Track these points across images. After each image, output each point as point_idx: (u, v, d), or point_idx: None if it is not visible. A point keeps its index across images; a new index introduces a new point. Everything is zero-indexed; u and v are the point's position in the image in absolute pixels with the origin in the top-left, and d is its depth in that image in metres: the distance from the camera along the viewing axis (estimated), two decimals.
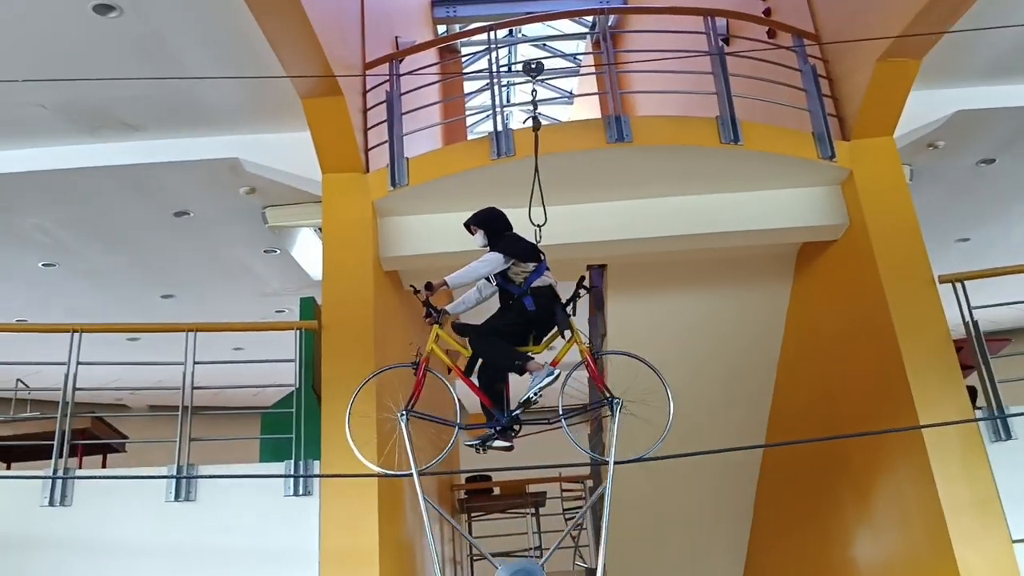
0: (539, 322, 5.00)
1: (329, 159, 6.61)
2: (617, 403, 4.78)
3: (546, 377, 4.76)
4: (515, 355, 4.87)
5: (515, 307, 5.00)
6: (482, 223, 5.24)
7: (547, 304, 4.98)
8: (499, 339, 4.94)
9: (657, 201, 6.70)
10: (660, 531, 8.51)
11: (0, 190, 7.48)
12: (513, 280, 5.02)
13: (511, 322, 4.99)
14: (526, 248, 5.09)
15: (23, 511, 5.54)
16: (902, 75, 6.34)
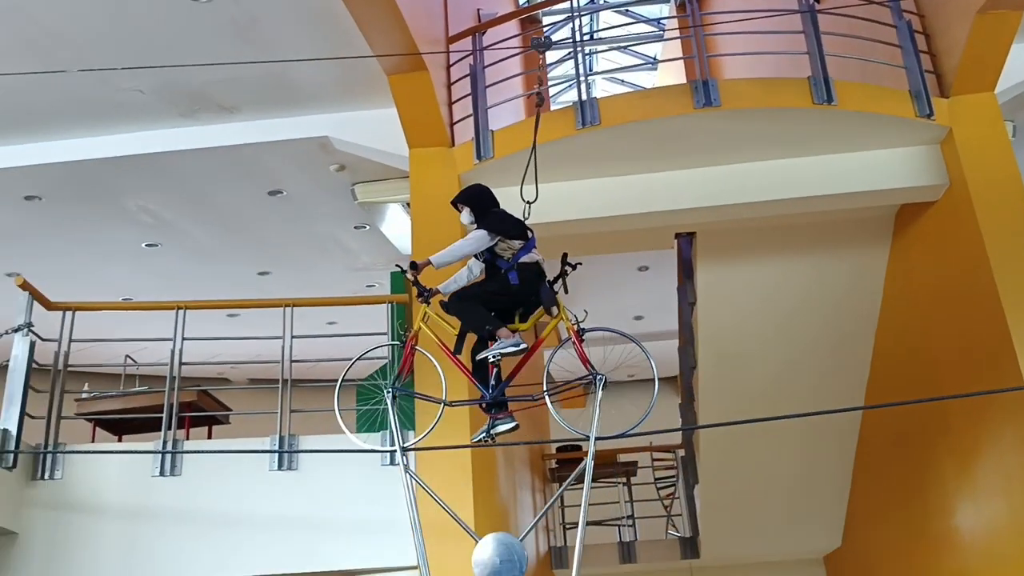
0: (523, 297, 4.99)
1: (415, 134, 6.67)
2: (600, 379, 4.76)
3: (510, 345, 4.76)
4: (488, 320, 4.85)
5: (499, 279, 4.98)
6: (468, 200, 5.18)
7: (532, 280, 4.96)
8: (476, 303, 4.92)
9: (747, 166, 6.57)
10: (757, 498, 8.43)
11: (105, 173, 7.81)
12: (501, 256, 4.98)
13: (492, 291, 4.98)
14: (512, 225, 5.04)
15: (136, 481, 5.81)
16: (1003, 28, 6.06)
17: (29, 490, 5.74)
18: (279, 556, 5.72)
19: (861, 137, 6.45)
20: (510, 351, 4.79)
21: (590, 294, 11.73)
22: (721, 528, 8.64)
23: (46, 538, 5.66)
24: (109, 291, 9.98)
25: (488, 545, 4.34)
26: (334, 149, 7.45)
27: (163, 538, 5.73)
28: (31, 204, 8.19)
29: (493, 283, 4.99)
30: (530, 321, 5.05)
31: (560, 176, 6.71)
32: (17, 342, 5.85)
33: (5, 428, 5.57)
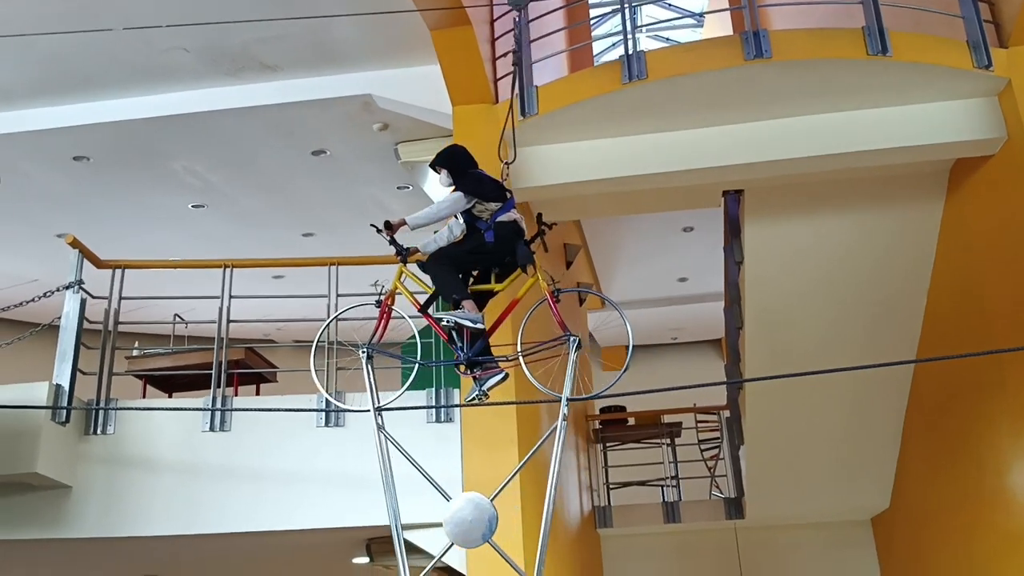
0: (499, 256, 4.97)
1: (459, 91, 6.62)
2: (573, 340, 4.69)
3: (469, 319, 4.77)
4: (457, 288, 4.86)
5: (475, 238, 4.96)
6: (445, 162, 5.13)
7: (508, 238, 4.93)
8: (450, 267, 4.92)
9: (798, 120, 6.42)
10: (804, 458, 8.35)
11: (151, 134, 7.86)
12: (479, 217, 4.96)
13: (468, 250, 4.96)
14: (489, 187, 5.01)
15: (186, 436, 5.90)
16: None
17: (82, 445, 5.86)
18: (326, 511, 5.79)
19: (916, 89, 6.26)
20: (467, 323, 4.80)
21: (633, 257, 11.66)
22: (767, 489, 8.58)
23: (99, 491, 5.79)
24: (156, 253, 10.07)
25: (459, 504, 4.41)
26: (377, 108, 7.42)
27: (212, 492, 5.82)
28: (79, 165, 8.29)
29: (469, 242, 4.99)
30: (507, 282, 5.04)
31: (605, 133, 6.62)
32: (68, 299, 5.93)
33: (58, 383, 5.68)
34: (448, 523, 4.35)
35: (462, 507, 4.37)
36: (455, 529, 4.33)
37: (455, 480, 5.81)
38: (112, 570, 7.34)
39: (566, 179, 6.72)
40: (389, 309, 5.05)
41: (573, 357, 4.68)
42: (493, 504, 4.40)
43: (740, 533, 9.14)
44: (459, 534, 4.34)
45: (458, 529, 4.33)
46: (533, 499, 6.08)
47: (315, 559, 7.37)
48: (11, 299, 6.74)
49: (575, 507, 8.07)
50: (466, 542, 4.37)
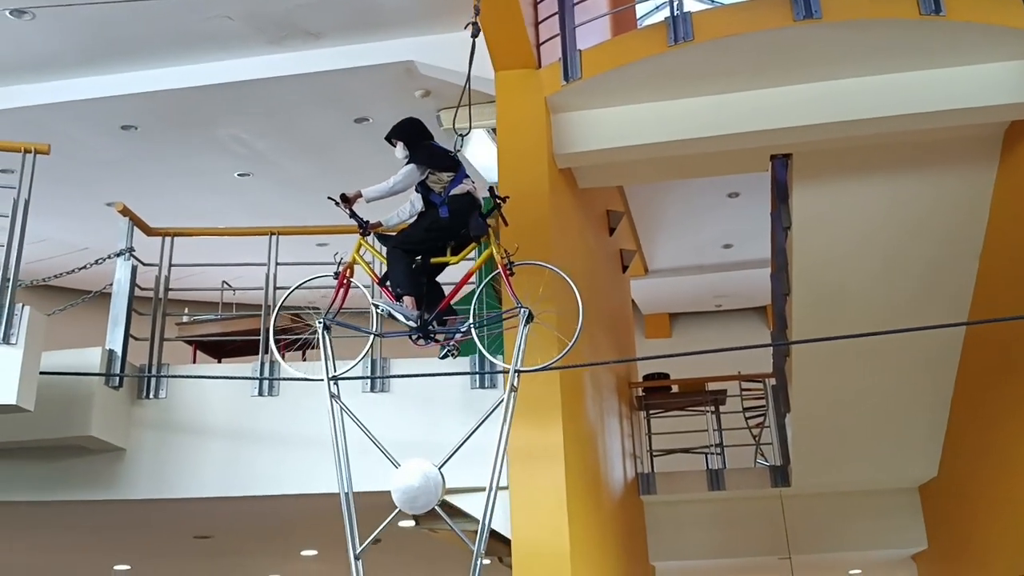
0: (455, 230, 5.00)
1: (501, 56, 6.56)
2: (525, 312, 4.73)
3: (403, 315, 4.90)
4: (403, 282, 4.95)
5: (429, 215, 5.03)
6: (400, 135, 5.17)
7: (462, 211, 4.96)
8: (404, 257, 5.01)
9: (849, 82, 6.28)
10: (851, 425, 8.27)
11: (197, 102, 7.93)
12: (432, 189, 5.01)
13: (424, 228, 5.04)
14: (439, 156, 5.05)
15: (236, 400, 6.00)
16: None
17: (135, 408, 5.98)
18: (371, 475, 5.83)
19: (970, 50, 6.08)
20: (399, 318, 4.93)
21: (677, 223, 11.55)
22: (813, 456, 8.51)
23: (151, 454, 5.91)
24: (203, 221, 10.21)
25: (406, 472, 4.54)
26: (419, 74, 7.40)
27: (262, 455, 5.92)
28: (128, 134, 8.40)
29: (425, 220, 5.07)
30: (462, 254, 5.08)
31: (650, 96, 6.54)
32: (119, 266, 6.04)
33: (111, 349, 5.79)
34: (396, 490, 4.51)
35: (410, 475, 4.50)
36: (403, 496, 4.50)
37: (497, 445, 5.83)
38: (165, 531, 7.52)
39: (610, 144, 6.66)
40: (348, 280, 5.17)
41: (523, 328, 4.75)
42: (441, 472, 4.48)
43: (786, 501, 9.10)
44: (406, 501, 4.50)
45: (406, 496, 4.49)
46: (576, 466, 6.11)
47: (363, 521, 7.44)
48: (63, 266, 6.88)
49: (618, 473, 8.08)
50: (413, 508, 4.53)
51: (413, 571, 10.78)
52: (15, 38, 7.27)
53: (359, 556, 4.57)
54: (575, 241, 7.26)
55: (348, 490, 4.69)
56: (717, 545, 9.34)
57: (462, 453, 5.84)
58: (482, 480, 5.76)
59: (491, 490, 4.56)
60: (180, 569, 10.01)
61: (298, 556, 9.18)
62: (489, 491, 4.58)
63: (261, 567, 10.06)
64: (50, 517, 6.70)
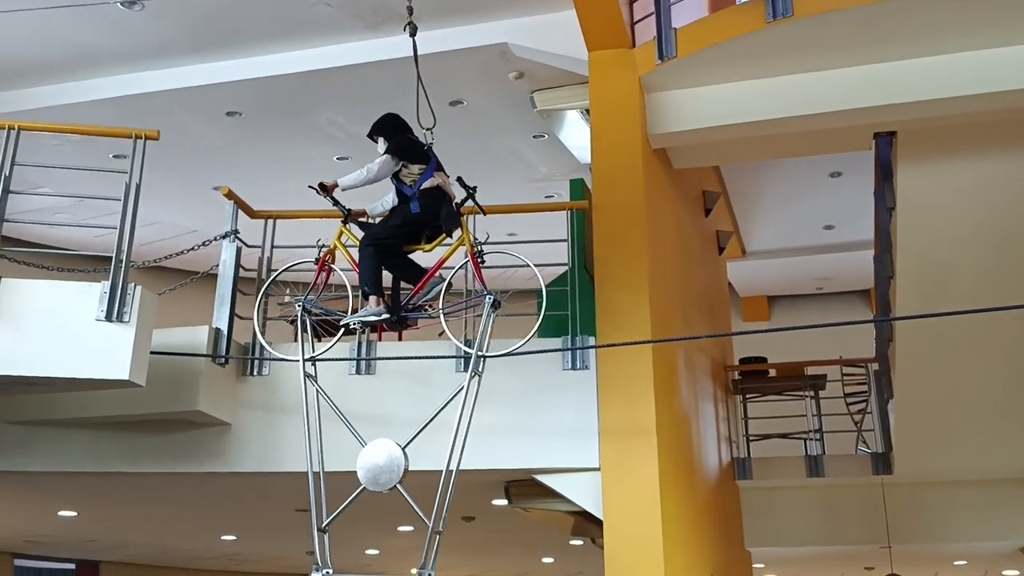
0: (427, 223, 5.17)
1: (595, 36, 6.53)
2: (490, 298, 4.93)
3: (372, 315, 5.11)
4: (370, 281, 5.13)
5: (401, 211, 5.17)
6: (380, 130, 5.36)
7: (433, 205, 5.10)
8: (375, 255, 5.16)
9: (954, 57, 6.02)
10: (958, 413, 7.96)
11: (298, 88, 8.15)
12: (404, 182, 5.14)
13: (397, 225, 5.19)
14: (411, 149, 5.17)
15: (334, 378, 6.04)
16: None
17: (240, 385, 6.20)
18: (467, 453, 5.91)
19: None
20: (371, 320, 5.17)
21: (776, 203, 11.29)
22: (917, 444, 8.24)
23: (255, 429, 6.12)
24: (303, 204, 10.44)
25: (371, 450, 4.70)
26: (513, 56, 7.42)
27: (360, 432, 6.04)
28: (232, 120, 8.68)
29: (397, 216, 5.25)
30: (434, 243, 5.25)
31: (748, 74, 6.41)
32: (225, 248, 6.25)
33: (217, 327, 6.01)
34: (360, 468, 4.68)
35: (375, 453, 4.65)
36: (367, 474, 4.67)
37: (591, 428, 5.84)
38: (268, 504, 7.80)
39: (705, 124, 6.57)
40: (328, 266, 5.37)
41: (489, 313, 4.95)
42: (405, 452, 4.54)
43: (887, 489, 8.84)
44: (370, 479, 4.66)
45: (370, 474, 4.66)
46: (669, 447, 6.07)
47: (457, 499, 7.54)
48: (173, 248, 7.15)
49: (712, 458, 8.00)
50: (375, 485, 4.68)
51: (508, 548, 10.91)
52: (126, 28, 7.58)
53: (324, 529, 4.75)
54: (669, 222, 7.19)
55: (319, 469, 4.92)
56: (815, 532, 9.16)
57: (554, 434, 5.91)
58: (573, 460, 5.86)
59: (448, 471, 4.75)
60: (283, 540, 10.38)
61: (395, 531, 9.40)
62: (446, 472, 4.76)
63: (360, 541, 10.35)
64: (162, 488, 7.03)
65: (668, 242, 7.10)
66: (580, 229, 6.55)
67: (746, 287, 13.97)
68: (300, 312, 5.30)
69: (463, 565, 12.76)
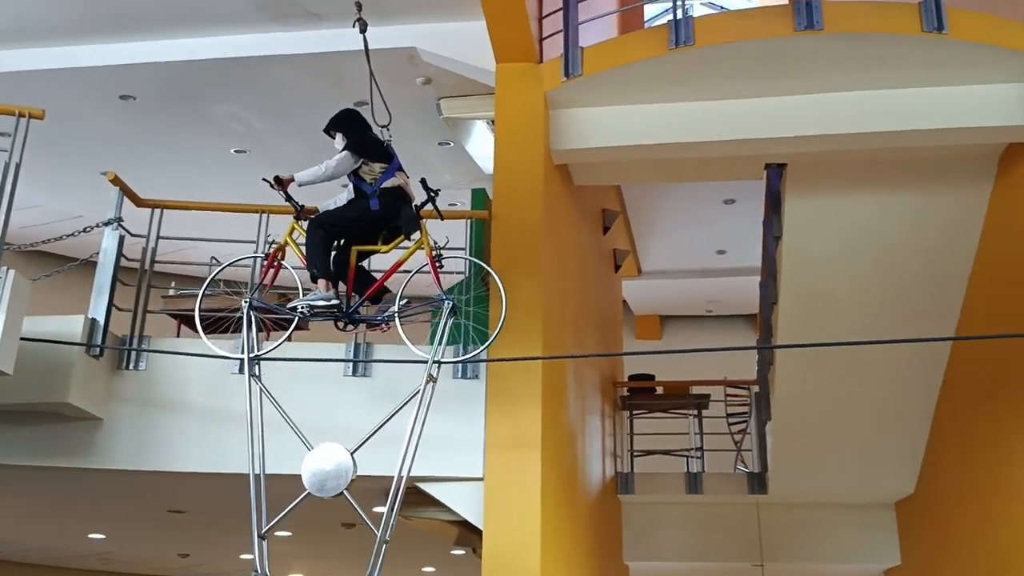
0: (385, 222, 5.09)
1: (503, 48, 6.55)
2: (448, 303, 4.90)
3: (321, 299, 4.99)
4: (318, 263, 5.02)
5: (360, 205, 5.08)
6: (338, 126, 5.26)
7: (393, 204, 5.04)
8: (324, 238, 5.06)
9: (848, 95, 6.29)
10: (831, 438, 8.29)
11: (197, 76, 7.91)
12: (365, 179, 5.07)
13: (353, 217, 5.10)
14: (373, 147, 5.12)
15: (215, 377, 5.97)
16: None
17: (115, 379, 5.97)
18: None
19: (971, 69, 6.10)
20: (320, 305, 5.02)
21: (672, 226, 11.56)
22: (791, 466, 8.53)
23: (129, 425, 5.90)
24: (197, 196, 10.16)
25: (319, 455, 4.61)
26: (421, 61, 7.38)
27: (238, 433, 5.89)
28: (125, 104, 8.37)
29: (354, 209, 5.15)
30: (392, 244, 5.17)
31: (649, 98, 6.54)
32: (107, 236, 6.02)
33: (93, 318, 5.78)
34: (306, 472, 4.60)
35: (321, 458, 4.53)
36: (312, 479, 4.59)
37: (477, 438, 5.84)
38: (139, 503, 7.53)
39: (606, 143, 6.67)
40: (278, 263, 5.25)
41: (445, 320, 4.89)
42: (353, 457, 4.52)
43: (762, 508, 9.12)
44: (316, 484, 4.58)
45: (315, 479, 4.58)
46: (553, 460, 6.11)
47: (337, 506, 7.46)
48: (55, 233, 6.86)
49: (597, 472, 8.10)
50: (322, 491, 4.61)
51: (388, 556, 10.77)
52: (16, 2, 7.24)
53: (264, 536, 4.58)
54: (567, 237, 7.26)
55: (259, 471, 4.79)
56: (692, 548, 9.37)
57: (440, 443, 5.87)
58: (457, 470, 5.84)
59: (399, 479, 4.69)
60: (154, 541, 10.03)
61: (272, 536, 9.17)
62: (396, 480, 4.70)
63: (234, 545, 10.07)
64: (27, 482, 6.70)
65: (565, 256, 7.17)
66: (479, 239, 6.56)
67: (640, 305, 14.23)
68: (246, 309, 5.08)
69: (341, 573, 12.56)
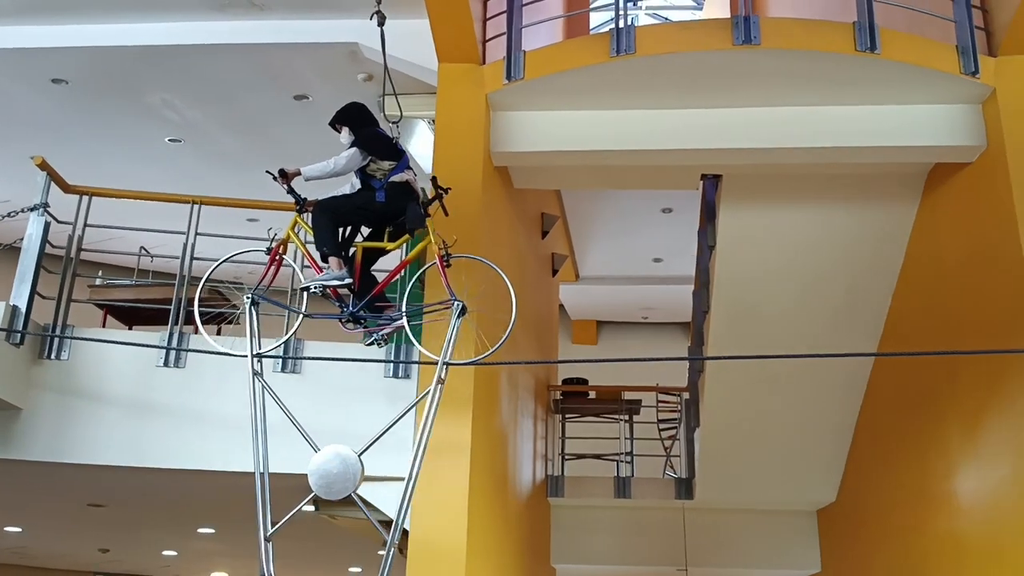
0: (390, 216, 5.02)
1: (446, 48, 6.54)
2: (458, 305, 4.76)
3: (334, 279, 4.87)
4: (328, 242, 4.92)
5: (366, 196, 5.00)
6: (345, 119, 5.17)
7: (399, 198, 4.96)
8: (331, 219, 4.98)
9: (782, 111, 6.42)
10: (757, 446, 8.44)
11: (133, 62, 7.73)
12: (373, 175, 5.00)
13: (357, 204, 5.02)
14: (383, 144, 5.05)
15: (140, 369, 5.87)
16: None
17: (35, 368, 5.82)
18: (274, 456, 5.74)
19: (902, 90, 6.27)
20: (333, 284, 4.90)
21: (611, 233, 11.67)
22: (717, 472, 8.67)
23: (49, 416, 5.76)
24: (130, 185, 9.95)
25: (326, 457, 4.47)
26: (363, 57, 7.33)
27: (162, 427, 5.80)
28: (58, 88, 8.15)
29: (360, 197, 5.03)
30: (398, 242, 5.11)
31: (590, 104, 6.59)
32: (32, 221, 5.87)
33: (15, 305, 5.62)
34: (313, 474, 4.42)
35: (329, 459, 4.44)
36: (320, 481, 4.42)
37: (406, 437, 5.81)
38: (58, 496, 7.33)
39: (546, 147, 6.69)
40: (280, 258, 5.12)
41: (455, 321, 4.75)
42: (360, 459, 4.46)
43: (688, 514, 9.24)
44: (323, 486, 4.42)
45: (323, 481, 4.42)
46: (483, 462, 6.12)
47: None
48: None
49: (527, 474, 8.13)
50: (329, 494, 4.45)
51: (314, 556, 10.69)
52: None
53: (269, 538, 4.47)
54: (504, 239, 7.27)
55: (264, 470, 4.59)
56: (619, 552, 9.45)
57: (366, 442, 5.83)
58: (387, 470, 5.78)
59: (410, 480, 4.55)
60: (73, 536, 9.78)
61: (195, 533, 9.04)
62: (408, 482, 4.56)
63: (156, 541, 9.90)
64: None
65: (503, 258, 7.17)
66: (417, 238, 6.53)
67: (577, 310, 14.33)
68: (248, 305, 4.94)
69: None
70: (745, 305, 7.58)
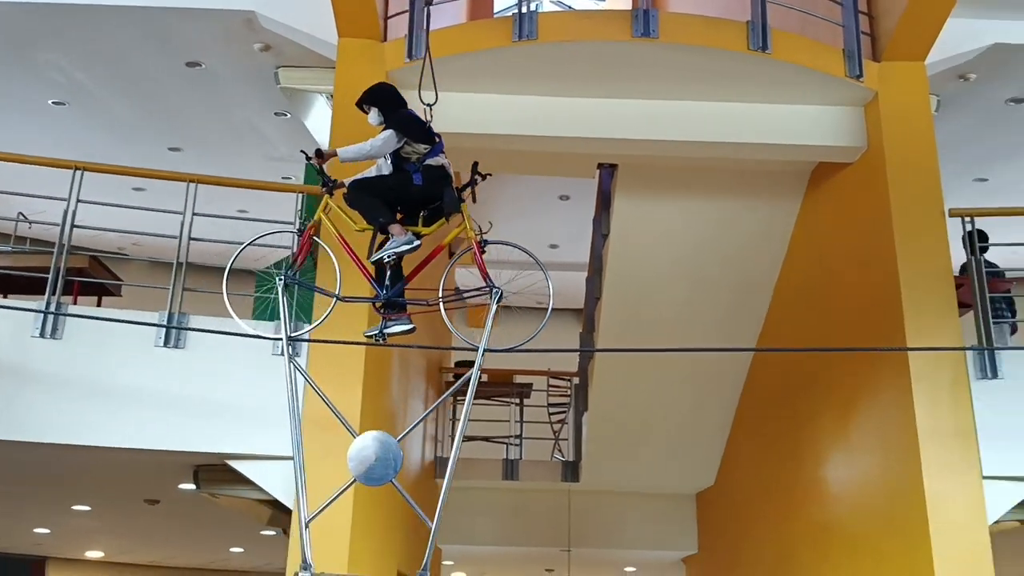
0: (425, 199, 4.95)
1: (346, 22, 6.44)
2: (497, 292, 4.79)
3: (404, 244, 4.76)
4: (383, 212, 4.82)
5: (401, 177, 4.93)
6: (375, 100, 5.07)
7: (435, 181, 4.92)
8: (373, 195, 4.88)
9: (676, 104, 6.57)
10: (641, 431, 8.67)
11: (15, 19, 7.32)
12: (408, 158, 4.93)
13: (391, 185, 4.94)
14: (419, 128, 4.98)
15: (14, 339, 5.62)
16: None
17: None
18: (152, 432, 5.63)
19: (790, 89, 6.50)
20: (404, 249, 4.77)
21: (508, 217, 11.71)
22: (603, 456, 8.86)
23: None
24: (10, 147, 9.50)
25: (365, 442, 4.34)
26: (260, 27, 7.14)
27: (37, 399, 5.57)
28: None
29: (394, 178, 4.93)
30: (434, 226, 4.99)
31: (490, 88, 6.60)
32: None
33: None
34: (352, 460, 4.27)
35: (367, 445, 4.30)
36: (359, 467, 4.27)
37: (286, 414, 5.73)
38: None
39: (446, 129, 6.49)
40: (311, 240, 4.96)
41: (494, 308, 4.71)
42: (400, 444, 4.40)
43: (573, 496, 9.43)
44: (363, 472, 4.28)
45: (362, 467, 4.27)
46: None
47: (141, 481, 7.19)
48: None
49: (416, 455, 8.14)
50: (369, 480, 4.31)
51: (194, 536, 10.48)
52: None
53: (308, 524, 4.31)
54: None
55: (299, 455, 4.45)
56: (504, 533, 9.58)
57: (252, 420, 5.75)
58: (269, 448, 5.73)
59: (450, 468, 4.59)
60: None
61: (69, 510, 8.73)
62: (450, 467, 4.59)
63: (27, 518, 9.51)
64: None
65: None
66: (310, 215, 6.43)
67: None
68: (281, 288, 4.68)
69: (143, 551, 12.08)
70: (635, 293, 7.76)
